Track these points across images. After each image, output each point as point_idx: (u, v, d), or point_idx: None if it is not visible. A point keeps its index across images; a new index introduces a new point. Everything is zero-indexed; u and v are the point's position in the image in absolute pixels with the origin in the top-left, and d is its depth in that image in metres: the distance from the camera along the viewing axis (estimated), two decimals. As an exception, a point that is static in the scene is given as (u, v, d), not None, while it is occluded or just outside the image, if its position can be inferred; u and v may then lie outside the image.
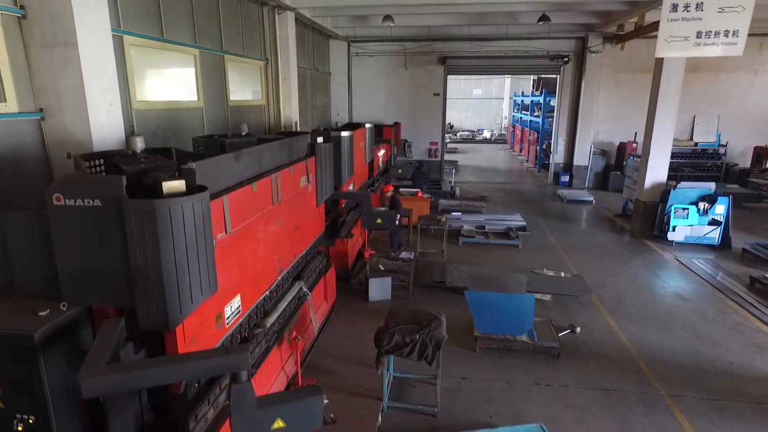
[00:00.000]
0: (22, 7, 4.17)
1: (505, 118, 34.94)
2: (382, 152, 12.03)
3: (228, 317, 3.44)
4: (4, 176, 4.16)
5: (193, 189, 2.74)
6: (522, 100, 26.37)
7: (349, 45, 15.66)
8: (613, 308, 6.84)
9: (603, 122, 15.63)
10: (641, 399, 4.80)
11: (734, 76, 14.77)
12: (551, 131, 17.41)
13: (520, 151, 24.61)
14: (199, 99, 7.36)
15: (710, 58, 13.01)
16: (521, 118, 25.50)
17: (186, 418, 2.99)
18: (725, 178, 14.69)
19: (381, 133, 13.89)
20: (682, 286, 7.72)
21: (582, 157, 15.83)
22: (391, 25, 12.30)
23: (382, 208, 7.91)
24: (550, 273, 7.86)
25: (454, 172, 16.99)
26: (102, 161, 3.40)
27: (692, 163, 14.85)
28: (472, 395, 4.85)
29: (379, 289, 7.05)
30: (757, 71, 14.73)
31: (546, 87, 20.83)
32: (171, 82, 6.94)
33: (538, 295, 6.89)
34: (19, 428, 2.55)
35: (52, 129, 4.44)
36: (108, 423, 2.73)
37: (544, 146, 19.50)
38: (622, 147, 15.27)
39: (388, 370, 4.87)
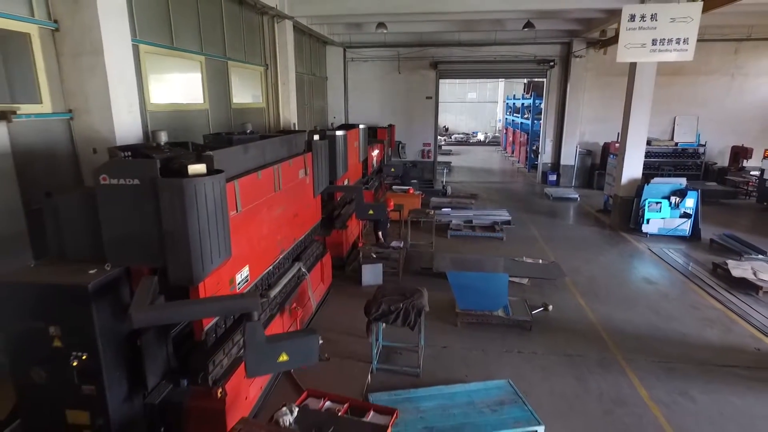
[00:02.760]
0: (55, 21, 4.82)
1: (499, 120, 35.68)
2: (376, 152, 12.67)
3: (239, 282, 4.07)
4: (40, 167, 4.79)
5: (211, 171, 3.39)
6: (514, 103, 27.07)
7: (344, 51, 16.35)
8: (584, 290, 7.49)
9: (588, 123, 16.32)
10: (599, 362, 5.45)
11: (712, 79, 15.51)
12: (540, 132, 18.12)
13: (512, 152, 25.30)
14: (204, 102, 8.01)
15: (689, 61, 13.80)
16: (513, 120, 26.18)
17: (206, 362, 3.61)
18: (704, 177, 15.37)
19: (375, 134, 14.55)
20: (651, 271, 8.38)
21: (568, 156, 16.54)
22: (385, 31, 12.99)
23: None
24: (529, 260, 8.50)
25: (446, 172, 17.65)
26: (129, 153, 4.02)
27: (673, 162, 15.53)
28: (451, 360, 5.49)
29: (372, 274, 7.68)
30: (734, 74, 15.48)
31: (536, 90, 21.51)
32: (180, 86, 7.58)
33: (516, 279, 7.55)
34: (75, 363, 3.17)
35: (80, 127, 5.07)
36: (144, 363, 3.36)
37: (533, 147, 20.18)
38: (606, 147, 15.93)
39: (377, 340, 5.50)
